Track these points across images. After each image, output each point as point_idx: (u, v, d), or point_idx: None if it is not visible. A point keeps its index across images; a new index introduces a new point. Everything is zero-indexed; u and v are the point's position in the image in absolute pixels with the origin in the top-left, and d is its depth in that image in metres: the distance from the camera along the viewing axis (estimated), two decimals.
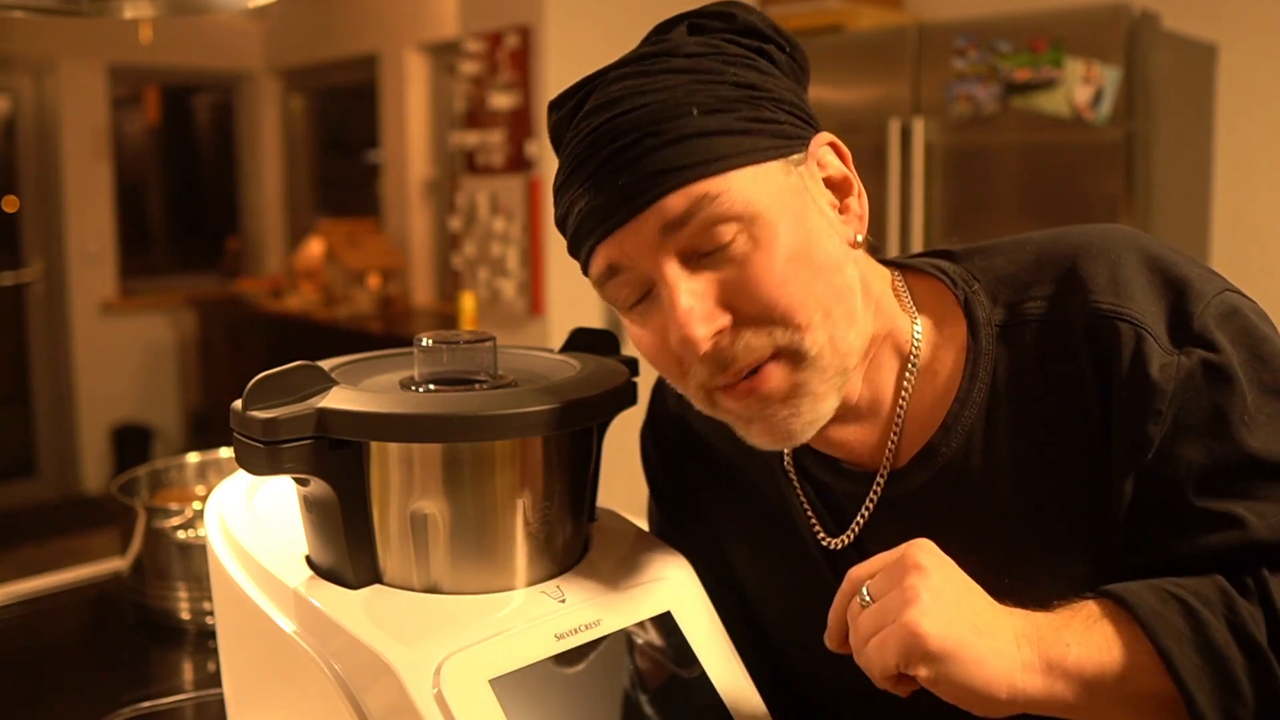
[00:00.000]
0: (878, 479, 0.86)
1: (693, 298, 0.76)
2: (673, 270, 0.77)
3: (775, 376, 0.78)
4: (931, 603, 0.67)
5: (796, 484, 0.92)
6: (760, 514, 0.96)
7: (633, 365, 0.93)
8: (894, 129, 2.86)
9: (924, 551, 0.70)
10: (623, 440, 1.08)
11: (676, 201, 0.75)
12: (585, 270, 0.83)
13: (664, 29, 0.83)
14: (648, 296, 0.80)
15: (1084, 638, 0.69)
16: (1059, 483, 0.79)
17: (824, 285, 0.78)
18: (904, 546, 0.71)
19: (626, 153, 0.76)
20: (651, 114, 0.76)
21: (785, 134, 0.79)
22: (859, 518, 0.87)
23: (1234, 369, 0.74)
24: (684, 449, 1.02)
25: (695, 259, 0.77)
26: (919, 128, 2.84)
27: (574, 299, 3.45)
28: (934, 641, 0.66)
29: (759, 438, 0.81)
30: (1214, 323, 0.75)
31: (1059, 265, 0.81)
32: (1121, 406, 0.76)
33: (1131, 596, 0.70)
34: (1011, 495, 0.81)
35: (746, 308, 0.76)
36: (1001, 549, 0.80)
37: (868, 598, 0.71)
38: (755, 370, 0.78)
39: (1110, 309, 0.77)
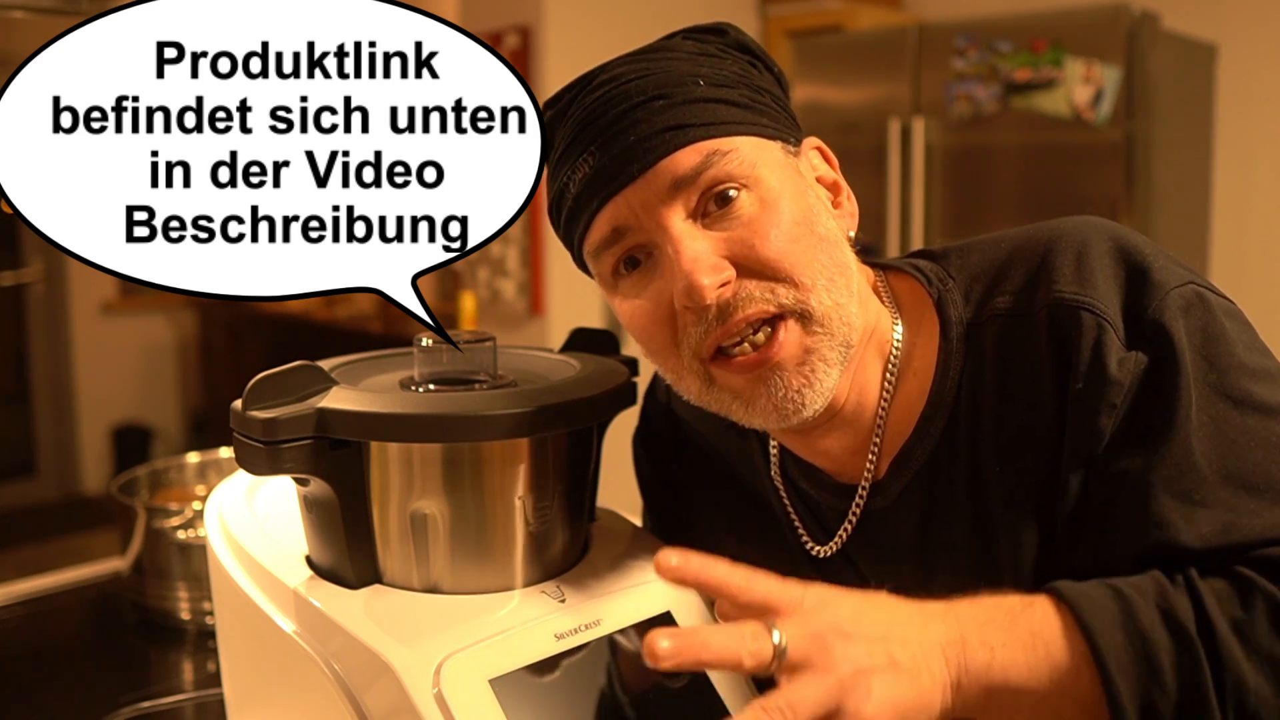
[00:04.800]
0: (860, 491, 0.85)
1: (699, 249, 0.76)
2: (680, 224, 0.77)
3: (791, 340, 0.77)
4: (879, 687, 0.61)
5: (784, 493, 0.92)
6: (748, 511, 0.96)
7: (633, 365, 0.93)
8: (894, 129, 2.86)
9: (838, 608, 0.64)
10: (623, 440, 1.08)
11: (688, 156, 0.76)
12: (581, 244, 0.83)
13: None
14: (644, 264, 0.80)
15: (1009, 636, 0.66)
16: (1031, 480, 0.77)
17: (826, 255, 0.79)
18: (815, 599, 0.65)
19: (636, 112, 0.77)
20: (660, 81, 0.78)
21: (781, 122, 0.82)
22: (842, 531, 0.87)
23: (1185, 367, 0.72)
24: (672, 444, 1.02)
25: (701, 218, 0.78)
26: (919, 128, 2.84)
27: (574, 299, 3.45)
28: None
29: (763, 414, 0.80)
30: (1172, 314, 0.73)
31: (1030, 258, 0.80)
32: (1077, 399, 0.74)
33: (1060, 583, 0.69)
34: (985, 497, 0.79)
35: (752, 264, 0.77)
36: (980, 555, 0.79)
37: (781, 643, 0.62)
38: (764, 330, 0.77)
39: (1072, 298, 0.75)
